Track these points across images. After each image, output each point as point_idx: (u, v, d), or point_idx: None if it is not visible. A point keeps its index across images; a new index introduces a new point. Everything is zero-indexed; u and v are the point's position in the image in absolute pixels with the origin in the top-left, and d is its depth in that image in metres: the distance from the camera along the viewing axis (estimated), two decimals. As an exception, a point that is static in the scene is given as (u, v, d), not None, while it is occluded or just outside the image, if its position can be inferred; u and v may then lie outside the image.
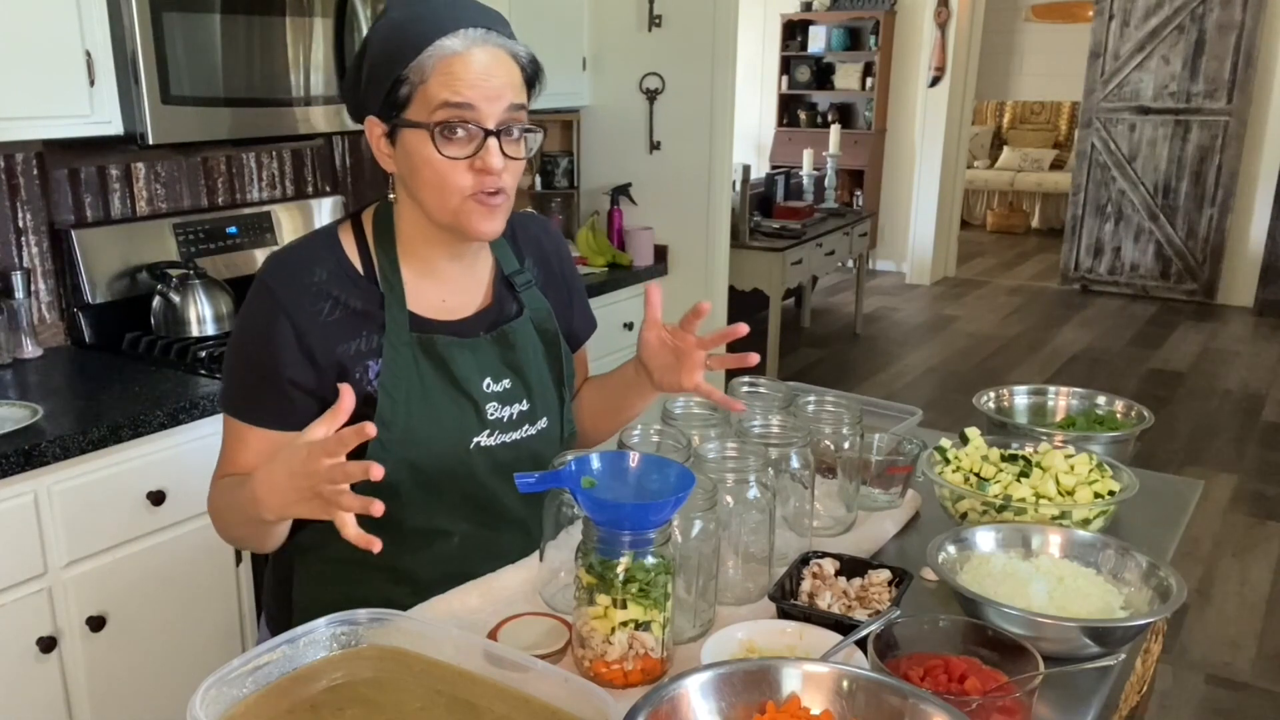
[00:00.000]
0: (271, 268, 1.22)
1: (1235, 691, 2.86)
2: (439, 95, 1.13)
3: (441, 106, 1.13)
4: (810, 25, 8.14)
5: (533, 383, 1.31)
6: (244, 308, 1.24)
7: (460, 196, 1.16)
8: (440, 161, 1.14)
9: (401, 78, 1.14)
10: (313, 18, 2.42)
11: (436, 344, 1.23)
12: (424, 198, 1.18)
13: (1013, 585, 1.18)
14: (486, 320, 1.29)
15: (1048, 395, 1.82)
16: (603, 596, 1.04)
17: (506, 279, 1.33)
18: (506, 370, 1.28)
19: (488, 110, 1.14)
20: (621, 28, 3.52)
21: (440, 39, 1.13)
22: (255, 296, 1.21)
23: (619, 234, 3.59)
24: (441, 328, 1.25)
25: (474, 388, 1.25)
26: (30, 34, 1.99)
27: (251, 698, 0.95)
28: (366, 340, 1.21)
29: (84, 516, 1.93)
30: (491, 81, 1.14)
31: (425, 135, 1.14)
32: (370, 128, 1.20)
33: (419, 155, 1.15)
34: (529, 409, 1.30)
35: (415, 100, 1.14)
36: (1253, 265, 7.00)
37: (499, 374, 1.28)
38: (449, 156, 1.14)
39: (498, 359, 1.28)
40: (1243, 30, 6.71)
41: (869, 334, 6.54)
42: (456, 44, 1.13)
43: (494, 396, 1.27)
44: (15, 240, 2.34)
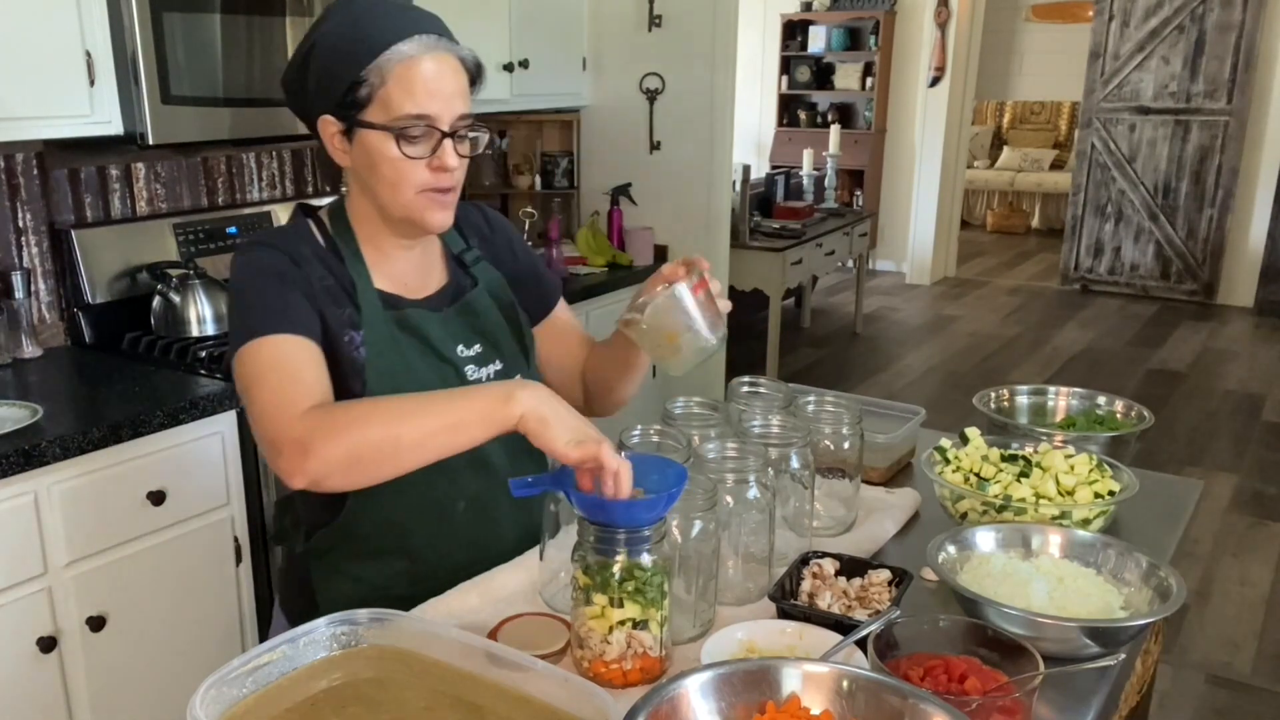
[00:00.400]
0: (264, 236, 1.30)
1: (1235, 691, 2.86)
2: (400, 101, 1.19)
3: (403, 112, 1.19)
4: (810, 25, 8.14)
5: (500, 344, 1.38)
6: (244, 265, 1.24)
7: (414, 191, 1.23)
8: (400, 160, 1.21)
9: (359, 80, 1.19)
10: (312, 18, 2.41)
11: (410, 317, 1.30)
12: (380, 192, 1.25)
13: (1013, 585, 1.18)
14: (447, 296, 1.36)
15: (1048, 395, 1.82)
16: (599, 596, 1.05)
17: (457, 257, 1.41)
18: (475, 336, 1.35)
19: (442, 114, 1.21)
20: (621, 28, 3.52)
21: (396, 44, 1.19)
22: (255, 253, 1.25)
23: (619, 234, 3.59)
24: (410, 304, 1.32)
25: (450, 354, 1.32)
26: (30, 34, 1.99)
27: (251, 698, 0.95)
28: (349, 313, 1.26)
29: (84, 516, 1.93)
30: (445, 88, 1.21)
31: (386, 136, 1.20)
32: (324, 126, 1.25)
33: (378, 153, 1.22)
34: (502, 368, 1.37)
35: (375, 102, 1.20)
36: (1253, 265, 7.00)
37: (469, 340, 1.35)
38: (410, 157, 1.21)
39: (465, 327, 1.35)
40: (1243, 30, 6.71)
41: (869, 334, 6.54)
42: (412, 49, 1.19)
43: (469, 360, 1.34)
44: (15, 240, 2.34)
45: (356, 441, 1.08)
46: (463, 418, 1.08)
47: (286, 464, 1.10)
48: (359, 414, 1.11)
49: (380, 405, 1.12)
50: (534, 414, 1.06)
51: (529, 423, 1.06)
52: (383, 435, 1.08)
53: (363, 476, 1.11)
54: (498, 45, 3.10)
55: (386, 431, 1.08)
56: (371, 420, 1.09)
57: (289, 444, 1.09)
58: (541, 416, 1.06)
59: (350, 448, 1.08)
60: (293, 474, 1.10)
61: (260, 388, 1.15)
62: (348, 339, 1.25)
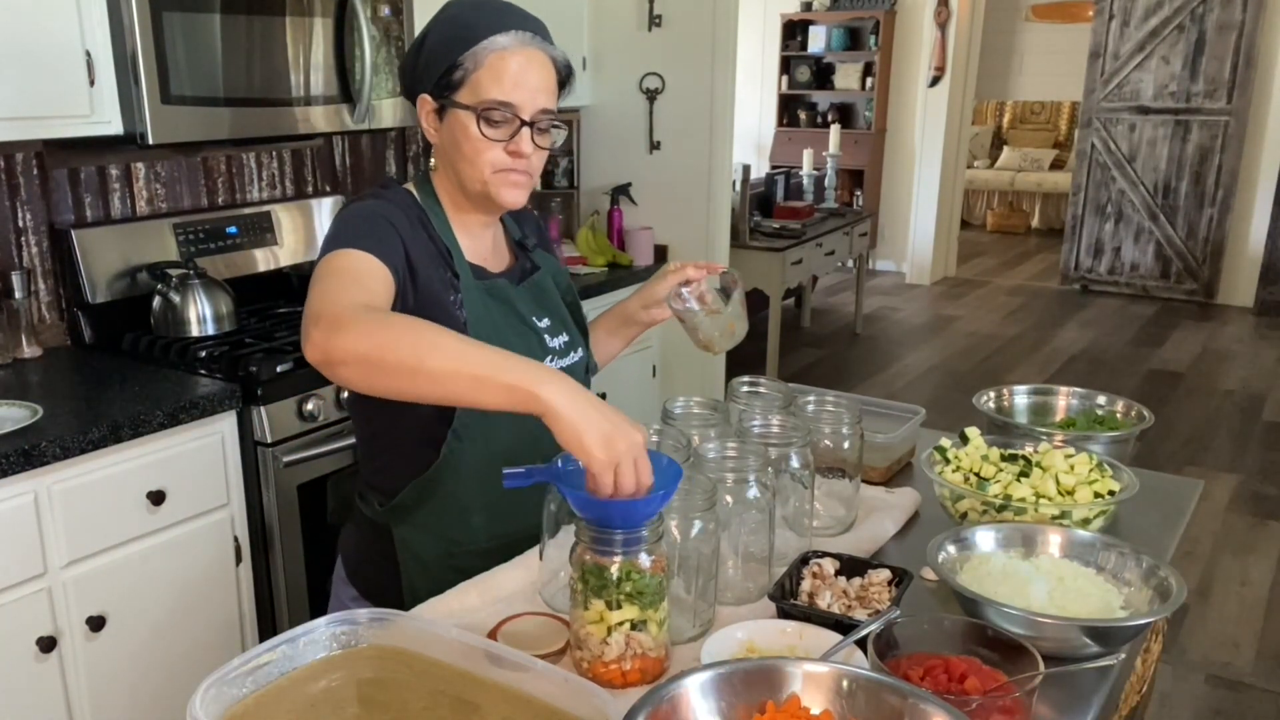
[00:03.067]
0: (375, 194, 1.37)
1: (1235, 691, 2.86)
2: (488, 87, 1.30)
3: (489, 96, 1.30)
4: (810, 25, 8.14)
5: (564, 320, 1.51)
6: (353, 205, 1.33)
7: (491, 170, 1.34)
8: (480, 139, 1.32)
9: (457, 64, 1.31)
10: (313, 18, 2.42)
11: (498, 287, 1.41)
12: (461, 168, 1.35)
13: (1013, 585, 1.18)
14: (516, 274, 1.48)
15: (1048, 395, 1.82)
16: (596, 601, 1.05)
17: (519, 243, 1.53)
18: (544, 311, 1.48)
19: (525, 104, 1.32)
20: (621, 28, 3.52)
21: (494, 35, 1.30)
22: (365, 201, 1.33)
23: (619, 234, 3.59)
24: (494, 277, 1.43)
25: (531, 324, 1.44)
26: (30, 34, 1.99)
27: (251, 698, 0.95)
28: (449, 276, 1.36)
29: (84, 516, 1.93)
30: (530, 81, 1.32)
31: (471, 116, 1.31)
32: (422, 104, 1.36)
33: (463, 131, 1.32)
34: (568, 340, 1.50)
35: (467, 85, 1.31)
36: (1253, 265, 7.00)
37: (540, 314, 1.47)
38: (489, 138, 1.32)
39: (535, 302, 1.47)
40: (1243, 30, 6.71)
41: (869, 334, 6.54)
42: (507, 41, 1.30)
43: (546, 330, 1.46)
44: (15, 240, 2.34)
45: (383, 343, 1.08)
46: (488, 374, 1.06)
47: (318, 334, 1.10)
48: (400, 323, 1.11)
49: (421, 326, 1.11)
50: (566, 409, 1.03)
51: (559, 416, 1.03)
52: (411, 351, 1.07)
53: (375, 381, 1.10)
54: (498, 45, 3.09)
55: (416, 350, 1.07)
56: (408, 333, 1.09)
57: (328, 318, 1.11)
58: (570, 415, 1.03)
59: (376, 345, 1.08)
60: (317, 344, 1.10)
61: (325, 281, 1.19)
62: (451, 301, 1.34)
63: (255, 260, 2.72)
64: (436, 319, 1.22)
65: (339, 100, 2.51)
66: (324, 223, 2.91)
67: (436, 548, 1.40)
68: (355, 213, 1.31)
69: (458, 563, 1.36)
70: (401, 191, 1.40)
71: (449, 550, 1.39)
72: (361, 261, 1.23)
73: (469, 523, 1.40)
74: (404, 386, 1.09)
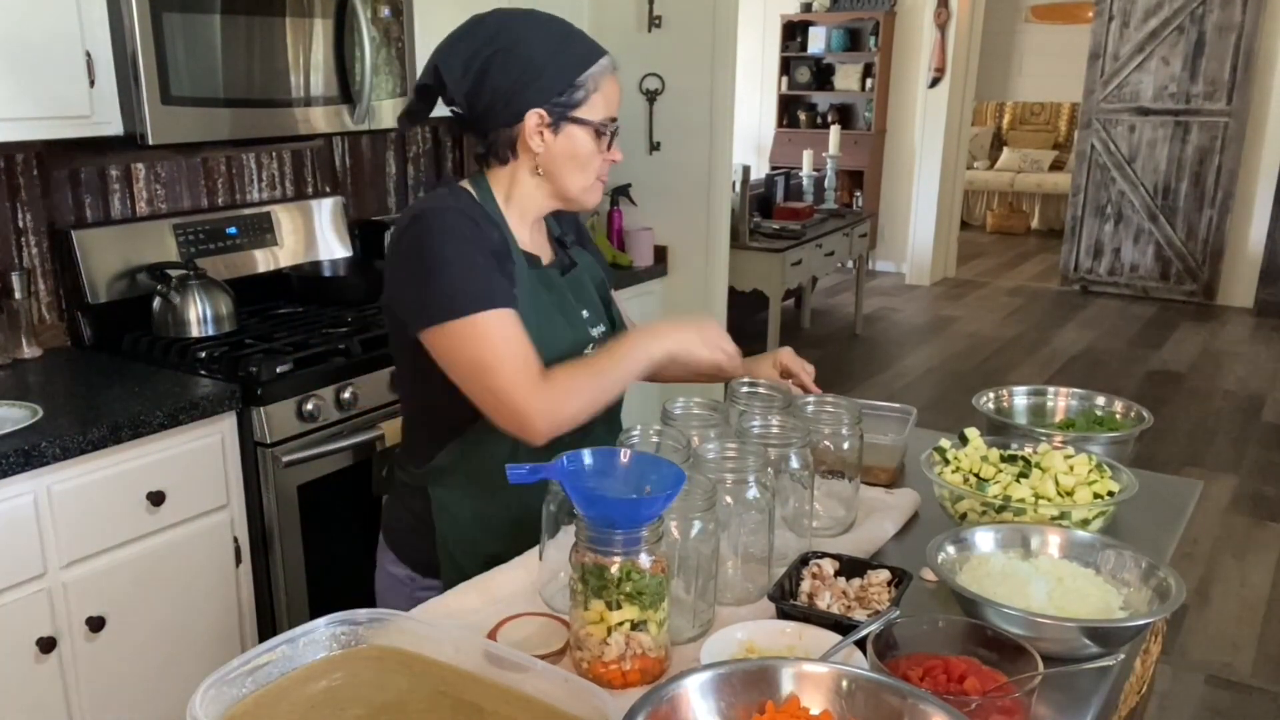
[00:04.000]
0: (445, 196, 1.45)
1: (1235, 692, 2.86)
2: (606, 105, 1.46)
3: (607, 114, 1.46)
4: (810, 26, 8.14)
5: (602, 313, 1.61)
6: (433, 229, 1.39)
7: (593, 176, 1.49)
8: (595, 152, 1.47)
9: (578, 83, 1.42)
10: (313, 18, 2.42)
11: (548, 276, 1.52)
12: (570, 176, 1.47)
13: (1012, 585, 1.18)
14: (560, 269, 1.58)
15: (1047, 396, 1.82)
16: (596, 602, 1.05)
17: (558, 239, 1.62)
18: (583, 303, 1.57)
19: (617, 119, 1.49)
20: (621, 28, 3.52)
21: (601, 60, 1.45)
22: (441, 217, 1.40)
23: (619, 234, 3.59)
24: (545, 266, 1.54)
25: (574, 313, 1.54)
26: (30, 34, 1.99)
27: (251, 698, 0.95)
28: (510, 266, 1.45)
29: (84, 516, 1.93)
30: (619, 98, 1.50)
31: (591, 131, 1.45)
32: (531, 119, 1.43)
33: (582, 144, 1.45)
34: (605, 330, 1.59)
35: (588, 103, 1.44)
36: (1252, 266, 7.00)
37: (581, 305, 1.57)
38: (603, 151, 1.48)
39: (576, 294, 1.57)
40: (1242, 31, 6.71)
41: (869, 335, 6.54)
42: (610, 65, 1.47)
43: (588, 321, 1.57)
44: (15, 240, 2.34)
45: (578, 407, 1.39)
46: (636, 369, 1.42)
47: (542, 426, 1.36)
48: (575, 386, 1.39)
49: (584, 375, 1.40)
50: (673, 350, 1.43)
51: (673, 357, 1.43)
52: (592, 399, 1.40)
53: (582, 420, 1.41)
54: (498, 46, 3.09)
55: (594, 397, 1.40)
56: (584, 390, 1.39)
57: (535, 415, 1.35)
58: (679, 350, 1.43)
59: (575, 412, 1.39)
60: (538, 436, 1.36)
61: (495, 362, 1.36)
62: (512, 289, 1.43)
63: (255, 261, 2.72)
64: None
65: (339, 101, 2.51)
66: (324, 223, 2.91)
67: (471, 509, 1.50)
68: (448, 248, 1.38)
69: (491, 523, 1.48)
70: (462, 193, 1.48)
71: (483, 511, 1.49)
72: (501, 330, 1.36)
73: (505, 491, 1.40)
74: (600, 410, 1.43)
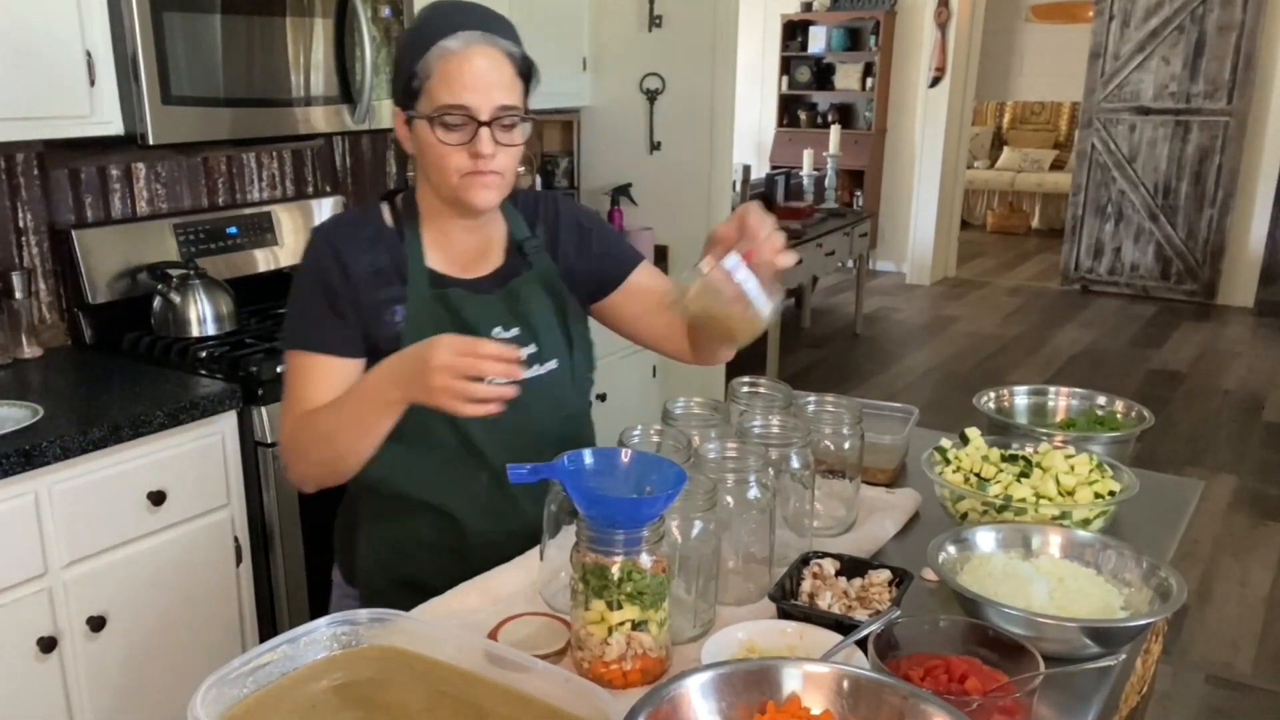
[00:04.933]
0: (328, 223, 1.44)
1: (1235, 691, 2.86)
2: (439, 94, 1.31)
3: (442, 102, 1.31)
4: (810, 25, 8.14)
5: (539, 330, 1.47)
6: (304, 257, 1.42)
7: (458, 175, 1.34)
8: (439, 145, 1.33)
9: (414, 73, 1.33)
10: (313, 18, 2.42)
11: (450, 296, 1.41)
12: (431, 176, 1.38)
13: (1013, 585, 1.18)
14: (498, 278, 1.47)
15: (1048, 395, 1.82)
16: (597, 601, 1.05)
17: (519, 245, 1.50)
18: (515, 320, 1.45)
19: (479, 105, 1.31)
20: (621, 28, 3.52)
21: (441, 40, 1.31)
22: (312, 245, 1.41)
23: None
24: (458, 284, 1.43)
25: (484, 334, 1.40)
26: (30, 34, 1.99)
27: (251, 698, 0.95)
28: (398, 289, 1.40)
29: (84, 516, 1.93)
30: (483, 80, 1.32)
31: (428, 124, 1.33)
32: (395, 116, 1.40)
33: (425, 140, 1.35)
34: (537, 351, 1.45)
35: (423, 95, 1.33)
36: (1253, 265, 6.99)
37: (508, 323, 1.44)
38: (446, 143, 1.33)
39: (507, 311, 1.45)
40: (1243, 31, 6.71)
41: (869, 334, 6.54)
42: (455, 45, 1.31)
43: (506, 340, 1.42)
44: (15, 240, 2.34)
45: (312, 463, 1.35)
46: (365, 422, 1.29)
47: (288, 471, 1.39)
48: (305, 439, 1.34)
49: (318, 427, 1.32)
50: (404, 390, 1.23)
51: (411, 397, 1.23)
52: (325, 454, 1.33)
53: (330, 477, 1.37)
54: (498, 45, 3.09)
55: (326, 451, 1.32)
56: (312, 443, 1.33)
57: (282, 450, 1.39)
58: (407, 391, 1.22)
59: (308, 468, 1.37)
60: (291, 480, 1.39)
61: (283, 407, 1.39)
62: (388, 315, 1.38)
63: (255, 260, 2.72)
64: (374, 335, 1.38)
65: (339, 100, 2.51)
66: (324, 223, 2.91)
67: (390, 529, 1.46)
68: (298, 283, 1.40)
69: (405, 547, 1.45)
70: (370, 210, 1.44)
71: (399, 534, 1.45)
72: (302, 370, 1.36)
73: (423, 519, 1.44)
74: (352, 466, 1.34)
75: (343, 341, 1.37)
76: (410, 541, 1.44)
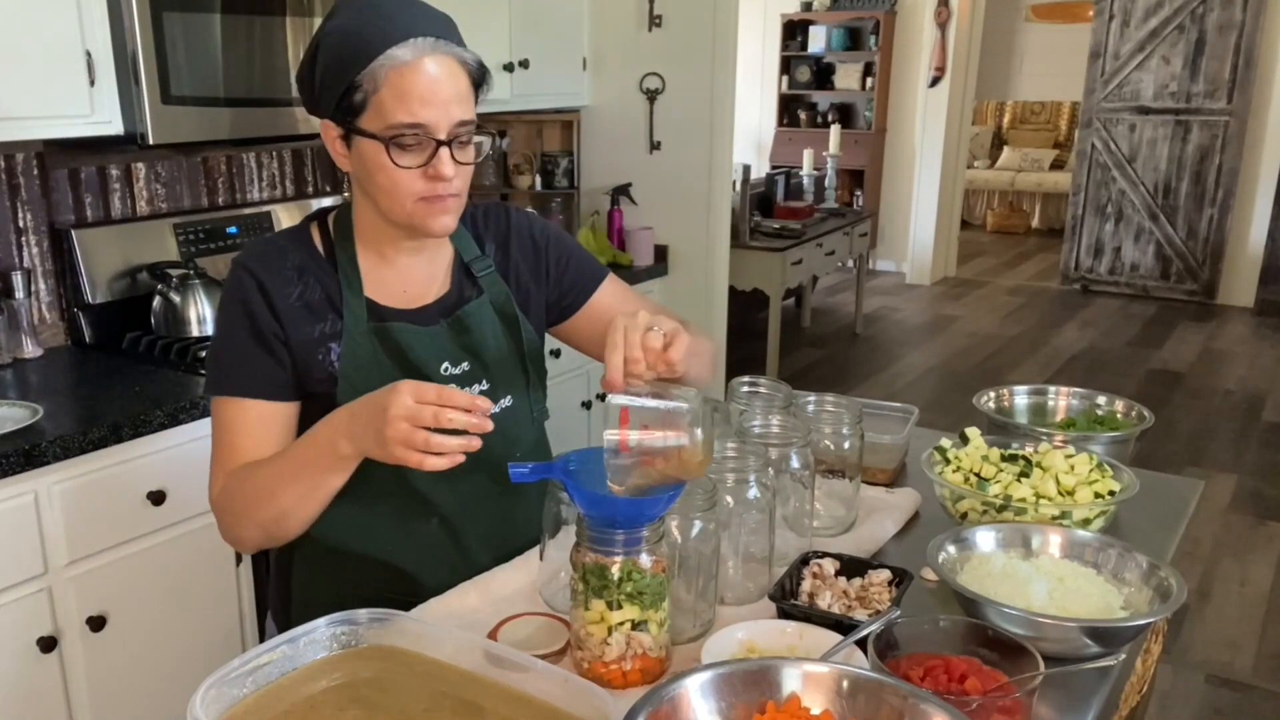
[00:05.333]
0: (248, 252, 1.29)
1: (1235, 691, 2.86)
2: (393, 111, 1.16)
3: (396, 120, 1.16)
4: (810, 25, 8.14)
5: (490, 363, 1.34)
6: (224, 292, 1.29)
7: (413, 199, 1.21)
8: (394, 169, 1.18)
9: (355, 84, 1.16)
10: (313, 18, 2.42)
11: (392, 331, 1.27)
12: (379, 200, 1.23)
13: (1013, 585, 1.18)
14: (444, 306, 1.33)
15: (1048, 395, 1.82)
16: (597, 602, 1.04)
17: (465, 266, 1.36)
18: (464, 354, 1.32)
19: (438, 122, 1.17)
20: (621, 28, 3.52)
21: (391, 48, 1.15)
22: (233, 277, 1.27)
23: (619, 234, 3.59)
24: (399, 315, 1.29)
25: (432, 371, 1.29)
26: (30, 34, 1.99)
27: (251, 698, 0.95)
28: (331, 324, 1.27)
29: (84, 516, 1.93)
30: (440, 94, 1.17)
31: (380, 145, 1.18)
32: (325, 130, 1.23)
33: (374, 162, 1.19)
34: (489, 388, 1.34)
35: (369, 109, 1.17)
36: (1253, 265, 6.99)
37: (457, 358, 1.31)
38: (403, 166, 1.18)
39: (454, 343, 1.31)
40: (1243, 30, 6.71)
41: (869, 334, 6.54)
42: (406, 54, 1.15)
43: (452, 379, 1.31)
44: (15, 240, 2.34)
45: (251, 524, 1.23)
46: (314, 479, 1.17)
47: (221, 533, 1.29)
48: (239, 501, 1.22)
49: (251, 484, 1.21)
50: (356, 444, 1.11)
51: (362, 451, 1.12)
52: (265, 514, 1.20)
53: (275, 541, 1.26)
54: (498, 45, 3.10)
55: (267, 510, 1.20)
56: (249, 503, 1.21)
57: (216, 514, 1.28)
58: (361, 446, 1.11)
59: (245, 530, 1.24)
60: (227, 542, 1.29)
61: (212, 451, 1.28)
62: (322, 354, 1.26)
63: (255, 260, 2.72)
64: (307, 376, 1.26)
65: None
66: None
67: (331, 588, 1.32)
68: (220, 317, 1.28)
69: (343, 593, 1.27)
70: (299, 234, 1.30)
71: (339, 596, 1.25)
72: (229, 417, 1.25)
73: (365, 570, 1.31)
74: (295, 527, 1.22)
75: (273, 384, 1.24)
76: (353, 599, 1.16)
